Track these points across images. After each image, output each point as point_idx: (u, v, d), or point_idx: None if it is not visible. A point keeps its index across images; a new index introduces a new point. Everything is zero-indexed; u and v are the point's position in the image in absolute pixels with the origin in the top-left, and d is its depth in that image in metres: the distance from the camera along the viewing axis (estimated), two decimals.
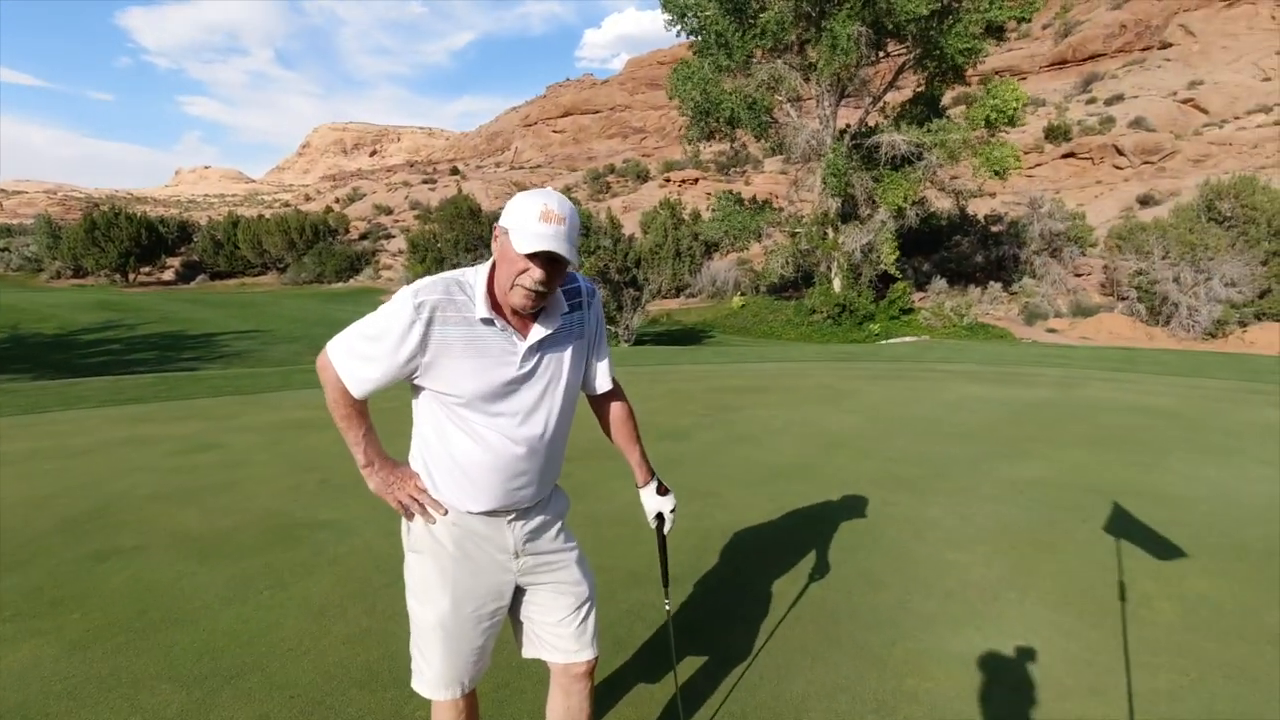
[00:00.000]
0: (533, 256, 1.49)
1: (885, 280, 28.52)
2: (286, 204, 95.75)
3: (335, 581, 3.26)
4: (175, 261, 56.70)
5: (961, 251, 33.59)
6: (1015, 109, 24.50)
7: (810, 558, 3.46)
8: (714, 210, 30.42)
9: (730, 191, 31.83)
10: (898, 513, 4.04)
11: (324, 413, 7.33)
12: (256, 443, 5.84)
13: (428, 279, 1.57)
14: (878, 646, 2.70)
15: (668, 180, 62.09)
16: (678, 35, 27.80)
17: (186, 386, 8.79)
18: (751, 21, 26.06)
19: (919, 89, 27.93)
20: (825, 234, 28.57)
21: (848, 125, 28.91)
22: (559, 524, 1.81)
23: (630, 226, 45.56)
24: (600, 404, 1.94)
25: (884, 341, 21.84)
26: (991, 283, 29.77)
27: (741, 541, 3.66)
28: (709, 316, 33.47)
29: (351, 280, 51.88)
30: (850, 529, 3.81)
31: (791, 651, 2.67)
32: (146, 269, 54.02)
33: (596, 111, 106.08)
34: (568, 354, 1.69)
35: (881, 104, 28.94)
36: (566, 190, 66.67)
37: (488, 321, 1.56)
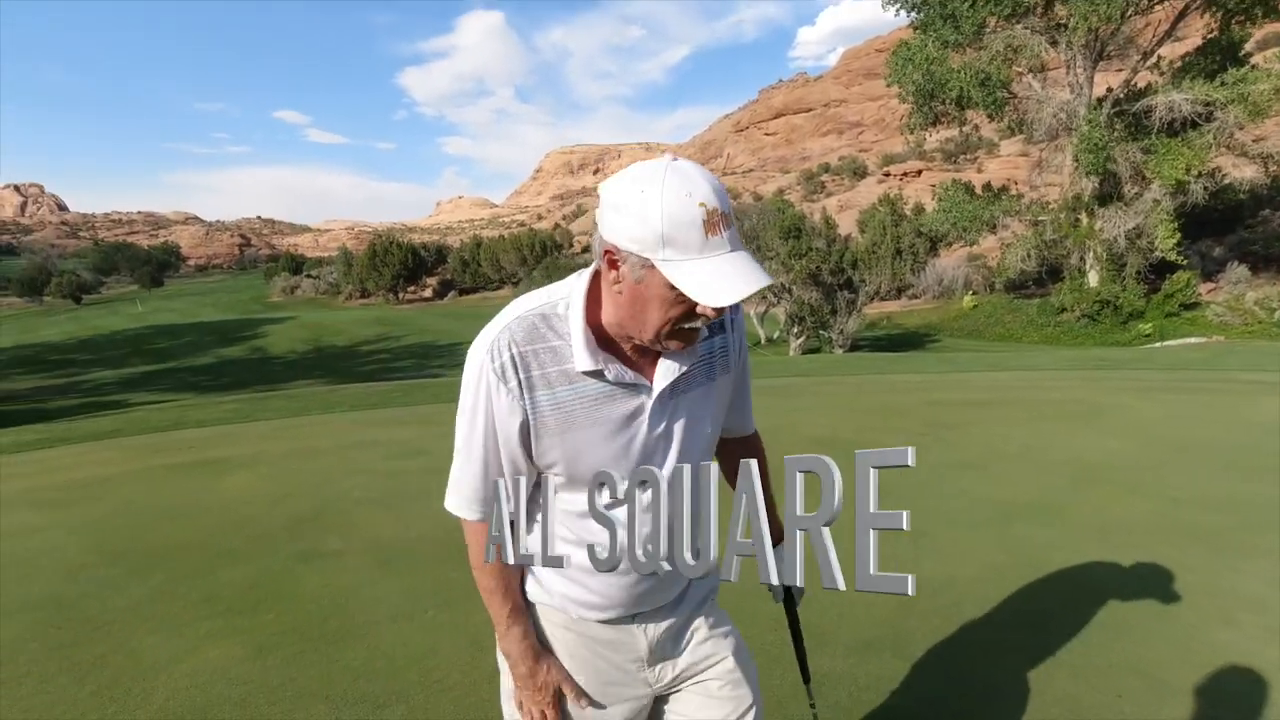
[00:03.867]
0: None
1: (1159, 271, 23.87)
2: (522, 224, 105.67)
3: None
4: (433, 280, 65.22)
5: (1272, 230, 27.04)
6: None
7: (1058, 636, 2.64)
8: (939, 201, 27.71)
9: (956, 180, 28.80)
10: (1192, 581, 2.99)
11: None
12: None
13: (503, 321, 1.11)
14: None
15: (887, 174, 58.30)
16: (896, 14, 25.80)
17: (416, 394, 9.73)
18: None
19: (1210, 34, 22.99)
20: (1077, 220, 24.67)
21: (1108, 90, 24.71)
22: (706, 609, 1.33)
23: (847, 226, 43.31)
24: (729, 451, 1.38)
25: (1159, 344, 18.17)
26: None
27: (959, 604, 2.92)
28: (934, 319, 30.58)
29: None
30: (1118, 598, 2.88)
31: None
32: (412, 288, 62.79)
33: (809, 110, 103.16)
34: (709, 397, 1.19)
35: (1155, 59, 24.30)
36: (779, 194, 65.45)
37: (595, 374, 1.09)
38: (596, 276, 1.09)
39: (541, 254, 59.79)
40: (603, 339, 1.09)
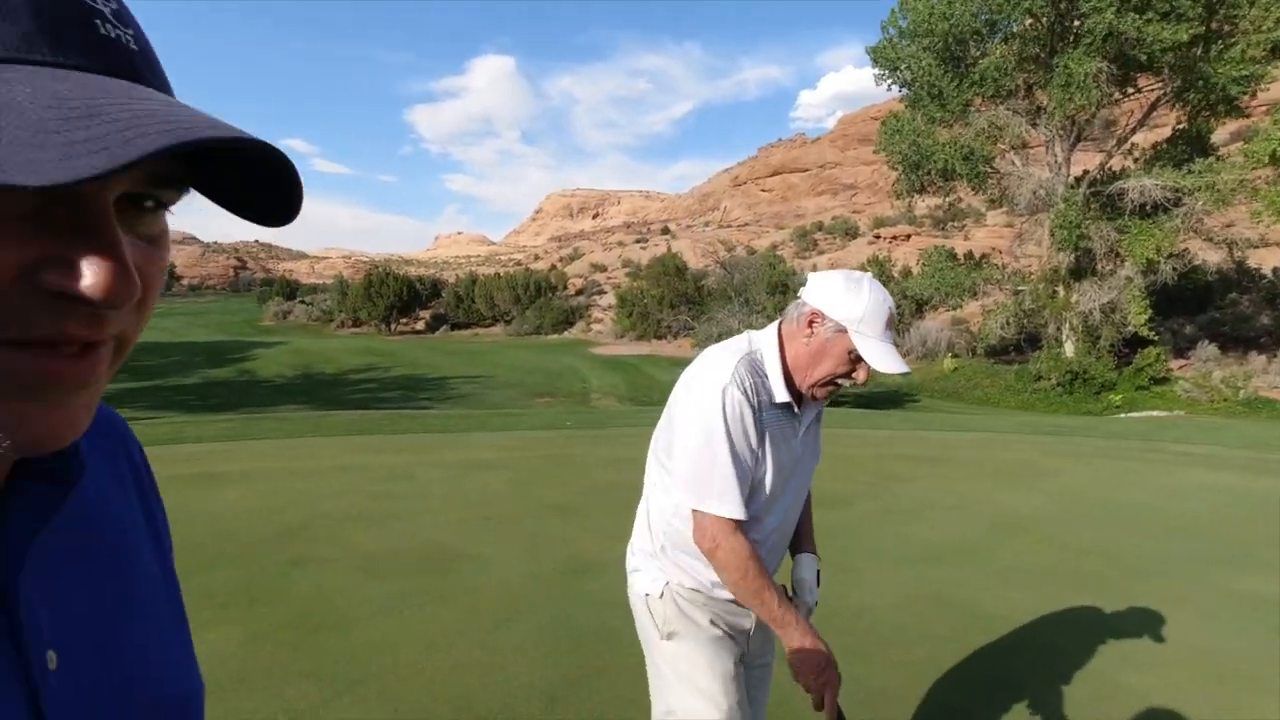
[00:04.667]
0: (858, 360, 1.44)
1: (1133, 345, 24.71)
2: (518, 263, 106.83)
3: (463, 611, 3.53)
4: (426, 314, 65.59)
5: (1240, 312, 28.11)
6: None
7: (945, 652, 3.08)
8: (923, 266, 28.68)
9: (940, 247, 29.90)
10: (1069, 615, 3.45)
11: (502, 454, 8.04)
12: (441, 477, 6.54)
13: (727, 359, 1.47)
14: None
15: (878, 237, 59.90)
16: (888, 89, 27.13)
17: (404, 423, 10.11)
18: (970, 68, 24.69)
19: (1180, 125, 24.36)
20: (1055, 292, 25.60)
21: (1085, 171, 25.97)
22: None
23: None
24: None
25: (1122, 415, 18.82)
26: None
27: (872, 626, 3.36)
28: (916, 379, 31.21)
29: (565, 333, 56.23)
30: (1003, 625, 3.33)
31: None
32: (404, 320, 63.12)
33: (805, 170, 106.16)
34: (818, 431, 1.66)
35: (1129, 145, 25.65)
36: (772, 249, 66.98)
37: (785, 406, 1.49)
38: (783, 344, 1.51)
39: (536, 294, 60.47)
40: (787, 381, 1.50)
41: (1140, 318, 23.21)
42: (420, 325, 64.41)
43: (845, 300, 1.41)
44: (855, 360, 1.43)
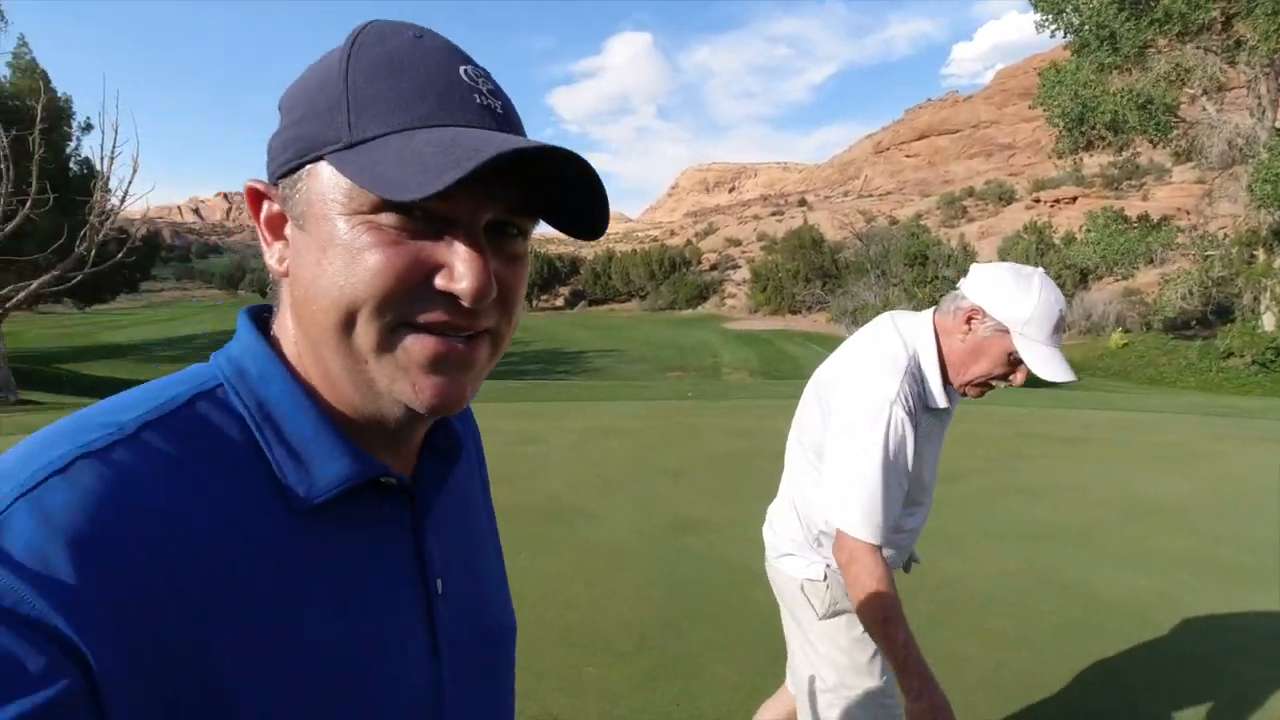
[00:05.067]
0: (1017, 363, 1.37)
1: None
2: (654, 239, 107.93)
3: (576, 559, 3.94)
4: (566, 290, 68.37)
5: None
6: None
7: (1038, 627, 3.06)
8: (1087, 231, 25.97)
9: (1108, 209, 26.87)
10: (1187, 601, 3.28)
11: (626, 422, 8.46)
12: (568, 441, 7.07)
13: (893, 371, 1.40)
14: None
15: (1037, 200, 54.77)
16: (1051, 36, 24.61)
17: (539, 392, 10.88)
18: (1151, 4, 21.81)
19: None
20: (1252, 256, 22.39)
21: None
22: None
23: (988, 254, 41.24)
24: None
25: None
26: None
27: (960, 595, 3.39)
28: (1078, 356, 28.55)
29: (699, 308, 56.51)
30: (1109, 605, 3.24)
31: None
32: (545, 296, 66.18)
33: (956, 131, 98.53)
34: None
35: None
36: (916, 217, 63.22)
37: (942, 409, 1.46)
38: (939, 341, 1.45)
39: (670, 270, 61.17)
40: (943, 379, 1.45)
41: None
42: (560, 301, 67.27)
43: (1011, 299, 1.31)
44: (1015, 363, 1.34)
